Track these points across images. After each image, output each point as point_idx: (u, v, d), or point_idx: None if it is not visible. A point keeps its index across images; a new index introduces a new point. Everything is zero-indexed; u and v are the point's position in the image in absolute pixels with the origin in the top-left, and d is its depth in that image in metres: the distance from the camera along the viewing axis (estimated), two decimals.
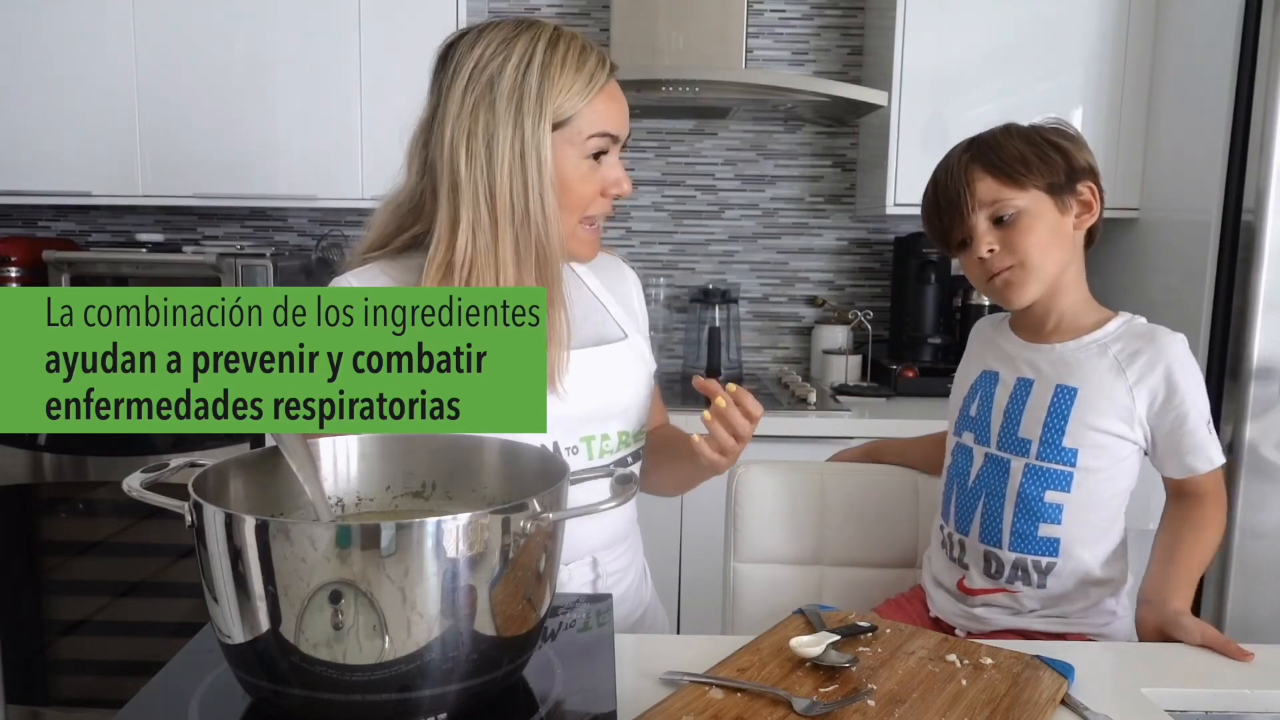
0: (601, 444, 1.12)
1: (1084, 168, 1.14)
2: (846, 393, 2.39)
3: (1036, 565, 1.15)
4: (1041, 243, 1.12)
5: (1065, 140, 1.14)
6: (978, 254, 1.14)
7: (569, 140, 1.04)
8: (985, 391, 1.21)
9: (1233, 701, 0.91)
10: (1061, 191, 1.12)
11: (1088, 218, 1.15)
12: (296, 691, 0.69)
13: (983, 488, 1.19)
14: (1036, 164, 1.11)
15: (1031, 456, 1.14)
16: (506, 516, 0.68)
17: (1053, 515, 1.14)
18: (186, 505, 0.69)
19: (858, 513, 1.39)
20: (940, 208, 1.16)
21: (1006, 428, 1.17)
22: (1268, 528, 1.95)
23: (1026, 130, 1.15)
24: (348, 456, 0.87)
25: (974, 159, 1.14)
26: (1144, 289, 2.26)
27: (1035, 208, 1.12)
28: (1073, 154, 1.13)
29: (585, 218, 1.09)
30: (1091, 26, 2.25)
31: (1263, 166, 1.88)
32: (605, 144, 1.06)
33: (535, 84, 1.02)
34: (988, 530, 1.18)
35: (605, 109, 1.06)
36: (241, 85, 2.26)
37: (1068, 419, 1.12)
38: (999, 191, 1.12)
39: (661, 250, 2.70)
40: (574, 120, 1.04)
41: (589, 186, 1.07)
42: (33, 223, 2.67)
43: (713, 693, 0.82)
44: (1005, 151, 1.13)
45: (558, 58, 1.04)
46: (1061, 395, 1.13)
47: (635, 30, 2.32)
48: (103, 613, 2.18)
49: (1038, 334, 1.19)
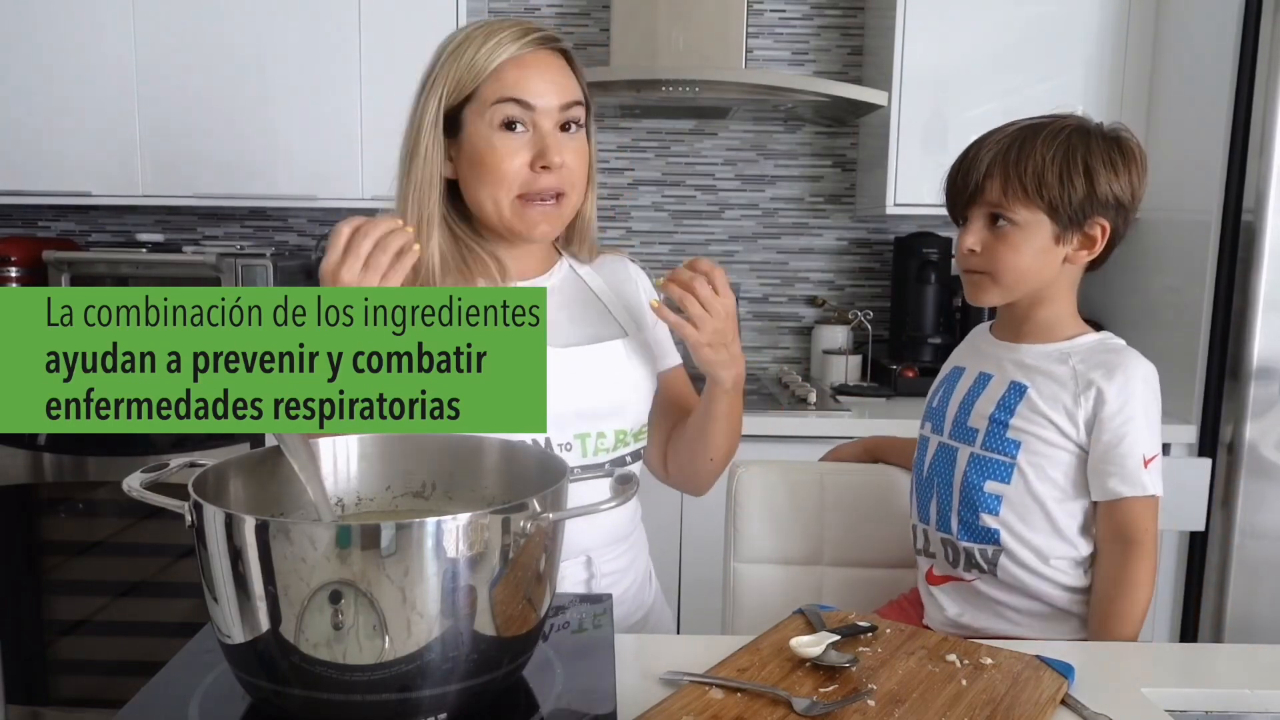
0: (597, 442, 1.11)
1: (1105, 200, 1.08)
2: (846, 393, 2.39)
3: (983, 554, 1.16)
4: (1021, 263, 1.11)
5: (1104, 164, 1.08)
6: (964, 244, 1.14)
7: (477, 113, 1.05)
8: (949, 384, 1.24)
9: (1233, 701, 0.91)
10: (1066, 222, 1.09)
11: (1084, 254, 1.12)
12: (296, 691, 0.69)
13: (934, 476, 1.21)
14: (1053, 186, 1.07)
15: (977, 445, 1.16)
16: (506, 516, 0.68)
17: (991, 505, 1.15)
18: (186, 505, 0.69)
19: (858, 513, 1.39)
20: (955, 183, 1.15)
21: (959, 417, 1.19)
22: (1268, 528, 1.95)
23: (1070, 140, 1.09)
24: (348, 456, 0.87)
25: (1002, 153, 1.10)
26: (1144, 289, 2.26)
27: (1031, 227, 1.10)
28: (1102, 182, 1.08)
29: (521, 195, 1.07)
30: (1091, 26, 2.25)
31: (1263, 166, 1.88)
32: (514, 111, 1.04)
33: (435, 67, 1.07)
34: (941, 517, 1.20)
35: (514, 75, 1.04)
36: (241, 85, 2.26)
37: (1014, 413, 1.13)
38: (1003, 198, 1.10)
39: (661, 250, 2.70)
40: (478, 92, 1.05)
41: (508, 161, 1.05)
42: (33, 223, 2.67)
43: (713, 693, 0.82)
44: (1031, 161, 1.08)
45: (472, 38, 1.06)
46: (1014, 390, 1.14)
47: (635, 30, 2.32)
48: (103, 613, 2.18)
49: (1013, 336, 1.19)
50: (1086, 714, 0.83)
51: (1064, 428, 1.12)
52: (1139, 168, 1.11)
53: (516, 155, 1.05)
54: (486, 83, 1.04)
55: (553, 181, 1.06)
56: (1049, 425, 1.12)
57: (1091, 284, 1.21)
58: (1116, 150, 1.10)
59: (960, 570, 1.20)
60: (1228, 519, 1.97)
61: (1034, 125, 1.12)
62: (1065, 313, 1.17)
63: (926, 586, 1.25)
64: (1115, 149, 1.10)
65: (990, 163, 1.10)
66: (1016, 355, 1.17)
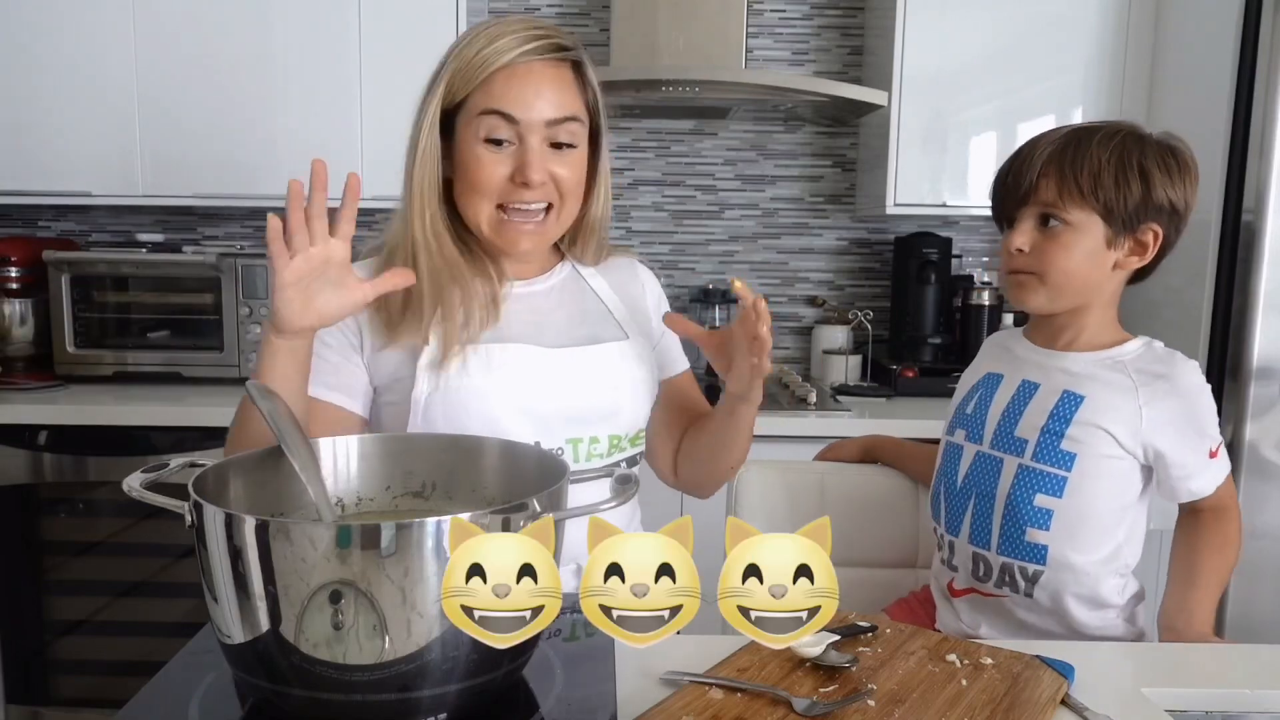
0: (590, 447, 1.09)
1: (1160, 205, 1.07)
2: (846, 393, 2.39)
3: (1023, 572, 1.13)
4: (1071, 265, 1.09)
5: (1160, 169, 1.07)
6: (1009, 245, 1.12)
7: (466, 122, 1.05)
8: (986, 391, 1.20)
9: (1233, 701, 0.91)
10: (1119, 225, 1.08)
11: (1134, 260, 1.11)
12: (296, 692, 0.69)
13: (972, 487, 1.17)
14: (1108, 186, 1.06)
15: (1026, 457, 1.12)
16: (506, 516, 0.68)
17: (1041, 520, 1.11)
18: (186, 505, 0.69)
19: (858, 513, 1.39)
20: (1006, 183, 1.13)
21: (1003, 427, 1.15)
22: (1268, 528, 1.95)
23: (1125, 143, 1.08)
24: (348, 456, 0.87)
25: (1058, 153, 1.08)
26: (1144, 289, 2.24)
27: (1084, 228, 1.08)
28: (1157, 186, 1.07)
29: (501, 205, 1.06)
30: (1091, 26, 2.25)
31: (1263, 166, 1.88)
32: (498, 124, 1.02)
33: (440, 67, 1.06)
34: (977, 531, 1.16)
35: (503, 88, 1.02)
36: (241, 85, 2.26)
37: (1070, 423, 1.10)
38: (1058, 198, 1.08)
39: (661, 250, 2.70)
40: (469, 100, 1.04)
41: (487, 171, 1.04)
42: (33, 223, 2.67)
43: (713, 693, 0.82)
44: (1087, 161, 1.07)
45: (477, 39, 1.04)
46: (1067, 400, 1.11)
47: (635, 30, 2.32)
48: (103, 613, 2.17)
49: (1052, 343, 1.17)
50: (1086, 714, 0.83)
51: (1121, 439, 1.09)
52: (1193, 177, 1.09)
53: (498, 167, 1.04)
54: (476, 91, 1.03)
55: (536, 196, 1.05)
56: (1106, 436, 1.09)
57: None
58: (1172, 157, 1.09)
59: (990, 586, 1.16)
60: None
61: (1088, 128, 1.10)
62: (1109, 319, 1.15)
63: (946, 595, 1.23)
64: (1171, 155, 1.09)
65: (1045, 162, 1.08)
66: (1064, 363, 1.14)
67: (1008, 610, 1.16)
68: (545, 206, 1.07)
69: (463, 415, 1.03)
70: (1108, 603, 1.14)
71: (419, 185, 1.06)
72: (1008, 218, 1.13)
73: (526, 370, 1.06)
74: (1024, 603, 1.14)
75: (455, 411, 1.03)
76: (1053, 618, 1.14)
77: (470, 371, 1.04)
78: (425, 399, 1.03)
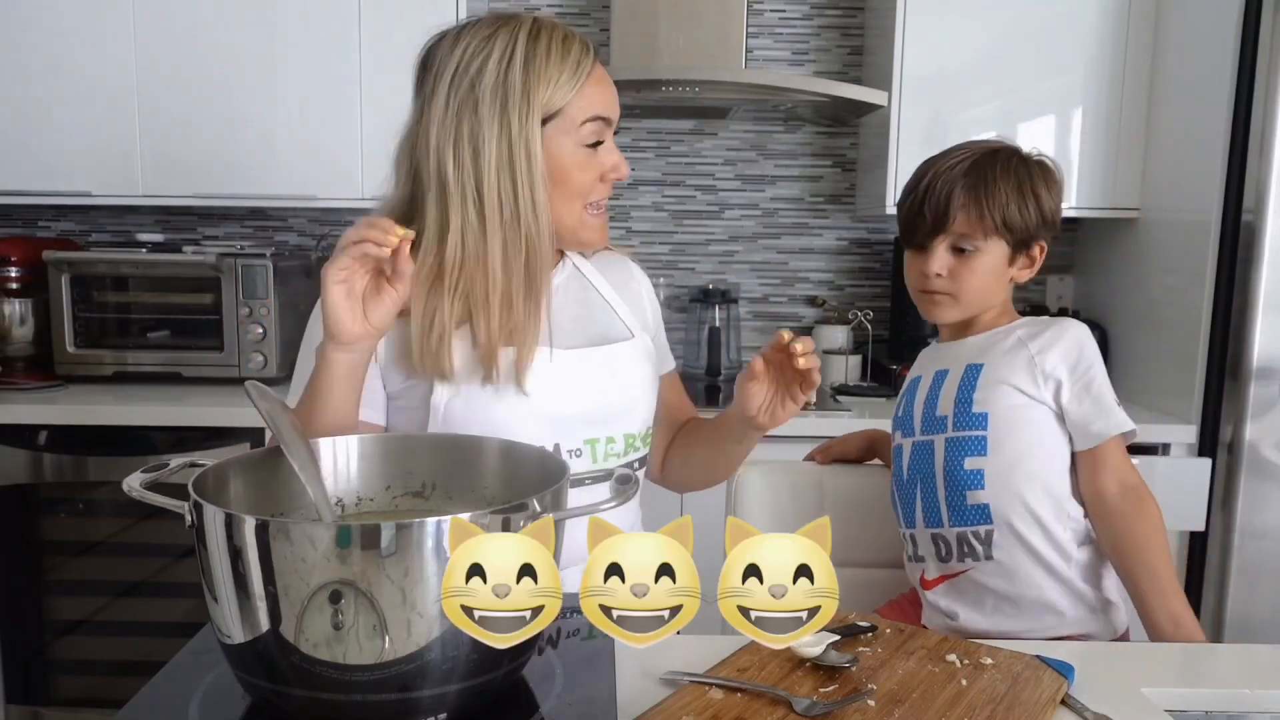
0: (606, 447, 1.10)
1: (1049, 221, 1.21)
2: (846, 393, 2.39)
3: (976, 535, 1.19)
4: (981, 283, 1.21)
5: (1045, 188, 1.21)
6: (926, 269, 1.22)
7: (564, 130, 1.04)
8: (910, 394, 1.30)
9: (1233, 701, 0.91)
10: (1019, 247, 1.21)
11: (1027, 273, 1.25)
12: (296, 691, 0.69)
13: (915, 475, 1.25)
14: (1015, 217, 1.19)
15: (949, 430, 1.21)
16: (506, 516, 0.68)
17: (976, 481, 1.19)
18: (186, 505, 0.69)
19: (857, 513, 1.39)
20: (920, 209, 1.22)
21: (927, 414, 1.24)
22: (1268, 528, 1.95)
23: (1020, 169, 1.20)
24: (348, 456, 0.87)
25: (968, 190, 1.19)
26: (1144, 289, 2.26)
27: (991, 252, 1.20)
28: (1046, 205, 1.20)
29: (588, 204, 1.09)
30: (1091, 26, 2.24)
31: (1263, 166, 1.88)
32: (600, 128, 1.06)
33: (519, 80, 1.01)
34: (929, 513, 1.23)
35: (595, 93, 1.05)
36: (241, 85, 2.26)
37: (975, 388, 1.19)
38: (973, 229, 1.19)
39: (661, 250, 2.70)
40: (566, 110, 1.04)
41: (588, 174, 1.06)
42: (33, 223, 2.67)
43: (713, 693, 0.82)
44: (995, 196, 1.18)
45: (540, 49, 1.03)
46: (970, 371, 1.22)
47: (635, 30, 2.32)
48: (102, 613, 2.17)
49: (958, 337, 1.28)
50: (1086, 714, 0.83)
51: (1026, 389, 1.17)
52: (1061, 188, 1.24)
53: (593, 169, 1.07)
54: (574, 100, 1.04)
55: (609, 191, 1.10)
56: (1011, 389, 1.18)
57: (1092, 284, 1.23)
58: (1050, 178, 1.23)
59: (954, 563, 1.21)
60: (1228, 519, 1.97)
61: (987, 153, 1.22)
62: (1004, 311, 1.27)
63: (923, 592, 1.26)
64: (1047, 180, 1.22)
65: (957, 194, 1.19)
66: (965, 347, 1.25)
67: (977, 584, 1.20)
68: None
69: (482, 419, 1.03)
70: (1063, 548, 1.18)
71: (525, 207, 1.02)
72: (919, 244, 1.24)
73: (543, 373, 1.06)
74: (988, 569, 1.19)
75: (475, 418, 1.03)
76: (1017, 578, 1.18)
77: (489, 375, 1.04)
78: (445, 404, 1.03)
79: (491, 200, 1.01)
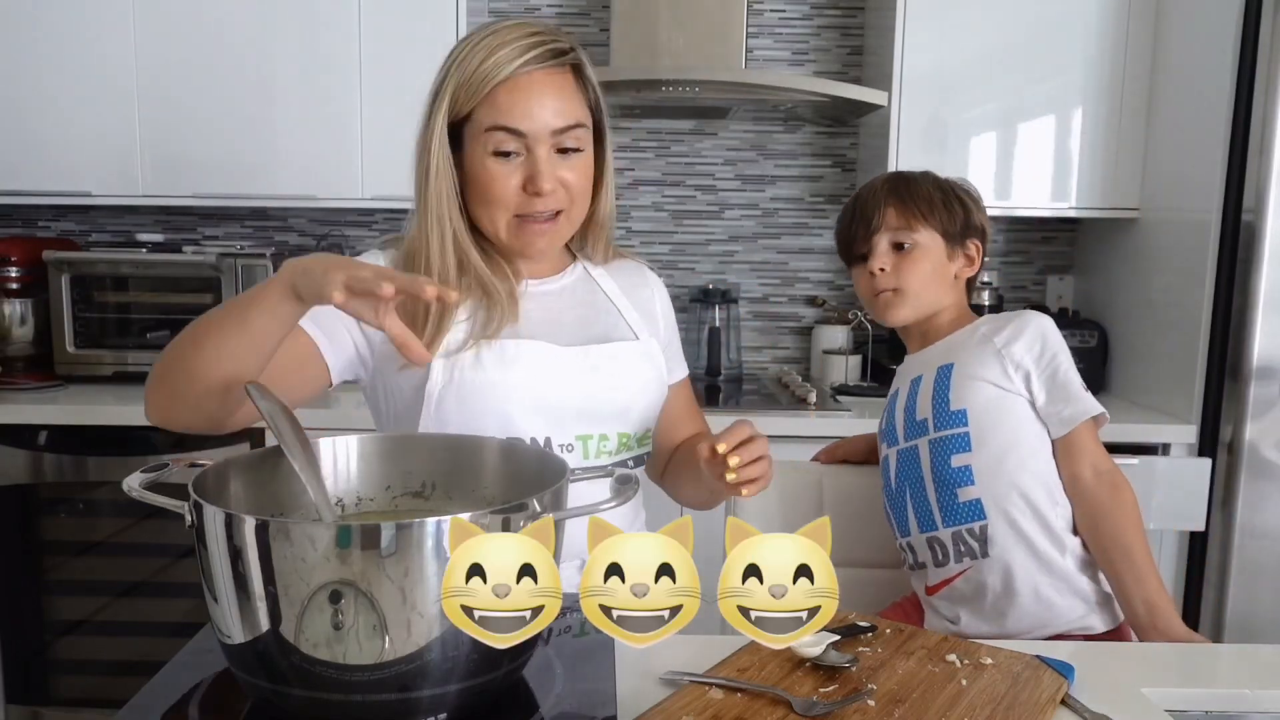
0: (599, 444, 1.11)
1: (977, 226, 1.31)
2: (846, 393, 2.39)
3: (971, 533, 1.20)
4: (924, 276, 1.27)
5: (969, 198, 1.31)
6: (871, 268, 1.28)
7: (473, 136, 1.05)
8: (891, 405, 1.32)
9: (1233, 701, 0.91)
10: (953, 240, 1.28)
11: (968, 270, 1.31)
12: (296, 691, 0.69)
13: (904, 482, 1.26)
14: (940, 209, 1.28)
15: (931, 432, 1.22)
16: (506, 516, 0.68)
17: (964, 478, 1.20)
18: (186, 505, 0.69)
19: (857, 513, 1.39)
20: (854, 221, 1.31)
21: (908, 420, 1.26)
22: (1268, 528, 1.95)
23: (940, 180, 1.32)
24: (348, 456, 0.87)
25: (892, 191, 1.29)
26: (1144, 289, 2.26)
27: (928, 245, 1.27)
28: (972, 211, 1.30)
29: (518, 215, 1.07)
30: (1091, 26, 2.24)
31: (1263, 166, 1.88)
32: (505, 139, 1.03)
33: (443, 79, 1.05)
34: (922, 517, 1.24)
35: (504, 102, 1.03)
36: (241, 85, 2.26)
37: (949, 387, 1.22)
38: (904, 222, 1.27)
39: (661, 250, 2.70)
40: (474, 115, 1.04)
41: (500, 185, 1.05)
42: (33, 223, 2.67)
43: (713, 693, 0.82)
44: (918, 191, 1.29)
45: (476, 51, 1.03)
46: (943, 372, 1.24)
47: (635, 30, 2.32)
48: (102, 613, 2.17)
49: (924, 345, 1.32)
50: (1086, 714, 0.83)
51: (998, 381, 1.20)
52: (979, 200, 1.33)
53: (510, 179, 1.05)
54: (481, 106, 1.03)
55: (548, 204, 1.06)
56: (984, 383, 1.20)
57: (1092, 284, 1.24)
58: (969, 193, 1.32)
59: (951, 565, 1.21)
60: (1228, 519, 1.97)
61: (903, 174, 1.33)
62: (962, 315, 1.32)
63: (926, 598, 1.27)
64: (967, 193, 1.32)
65: (886, 197, 1.29)
66: (933, 351, 1.28)
67: (975, 584, 1.20)
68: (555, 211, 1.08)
69: (477, 408, 1.04)
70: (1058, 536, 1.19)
71: (434, 199, 1.06)
72: (858, 254, 1.31)
73: (540, 366, 1.07)
74: (985, 566, 1.19)
75: (469, 405, 1.04)
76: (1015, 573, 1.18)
77: (485, 365, 1.05)
78: (439, 391, 1.05)
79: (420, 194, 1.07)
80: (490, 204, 1.06)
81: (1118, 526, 1.15)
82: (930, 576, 1.25)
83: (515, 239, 1.09)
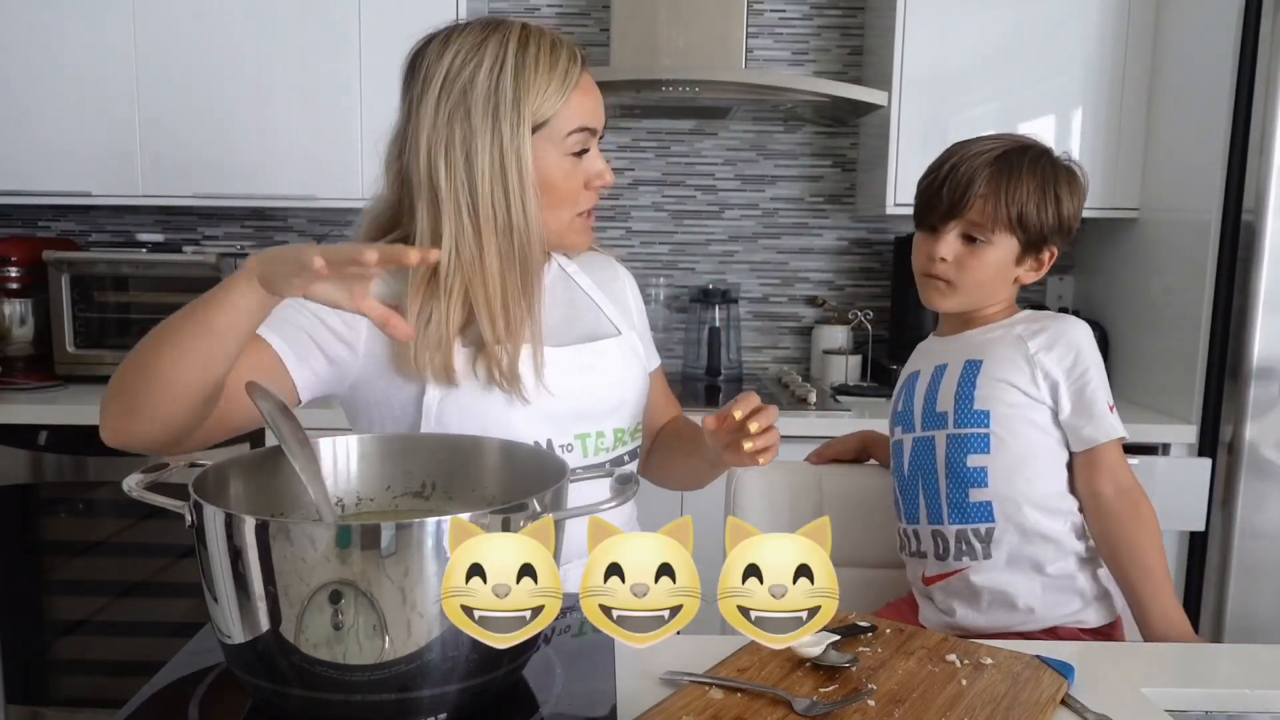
0: (597, 441, 1.12)
1: (1065, 226, 1.20)
2: (846, 393, 2.39)
3: (977, 533, 1.19)
4: (985, 277, 1.20)
5: (1069, 193, 1.20)
6: (935, 250, 1.21)
7: (549, 140, 1.04)
8: (909, 387, 1.29)
9: (1233, 701, 0.91)
10: (1029, 248, 1.20)
11: (1033, 275, 1.24)
12: (296, 691, 0.69)
13: (917, 471, 1.25)
14: (1032, 216, 1.17)
15: (950, 426, 1.21)
16: (506, 516, 0.68)
17: (978, 479, 1.19)
18: (186, 505, 0.69)
19: (857, 513, 1.39)
20: (937, 193, 1.21)
21: (927, 409, 1.24)
22: (1268, 528, 1.95)
23: (1047, 169, 1.19)
24: (348, 456, 0.87)
25: (992, 177, 1.17)
26: (1144, 289, 2.26)
27: (1001, 247, 1.20)
28: (1065, 209, 1.19)
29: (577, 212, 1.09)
30: (1091, 26, 2.24)
31: (1263, 166, 1.88)
32: (585, 139, 1.06)
33: (510, 89, 1.01)
34: (931, 509, 1.23)
35: (580, 104, 1.05)
36: (241, 85, 2.26)
37: (975, 385, 1.19)
38: (988, 220, 1.18)
39: (661, 250, 2.70)
40: (553, 120, 1.04)
41: (573, 183, 1.07)
42: (33, 223, 2.67)
43: (713, 693, 0.82)
44: (1018, 186, 1.17)
45: (529, 59, 1.02)
46: (970, 367, 1.21)
47: (635, 30, 2.32)
48: (103, 613, 2.17)
49: (957, 332, 1.28)
50: (1086, 714, 0.83)
51: (1025, 388, 1.18)
52: (1084, 196, 1.23)
53: (578, 178, 1.07)
54: (560, 112, 1.03)
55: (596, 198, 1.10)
56: (1010, 388, 1.18)
57: (1091, 284, 1.24)
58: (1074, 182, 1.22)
59: (950, 562, 1.21)
60: (1228, 519, 1.97)
61: (1017, 147, 1.20)
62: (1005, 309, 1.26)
63: (922, 589, 1.27)
64: (1072, 183, 1.21)
65: (983, 181, 1.17)
66: (964, 341, 1.25)
67: (975, 583, 1.20)
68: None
69: (478, 416, 1.04)
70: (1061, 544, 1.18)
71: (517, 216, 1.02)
72: (931, 226, 1.22)
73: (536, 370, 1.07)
74: (985, 567, 1.19)
75: (469, 414, 1.04)
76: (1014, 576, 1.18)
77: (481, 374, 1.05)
78: (439, 402, 1.04)
79: (485, 209, 1.01)
80: (563, 204, 1.07)
81: (1139, 546, 1.13)
82: (929, 568, 1.25)
83: (580, 235, 1.11)
